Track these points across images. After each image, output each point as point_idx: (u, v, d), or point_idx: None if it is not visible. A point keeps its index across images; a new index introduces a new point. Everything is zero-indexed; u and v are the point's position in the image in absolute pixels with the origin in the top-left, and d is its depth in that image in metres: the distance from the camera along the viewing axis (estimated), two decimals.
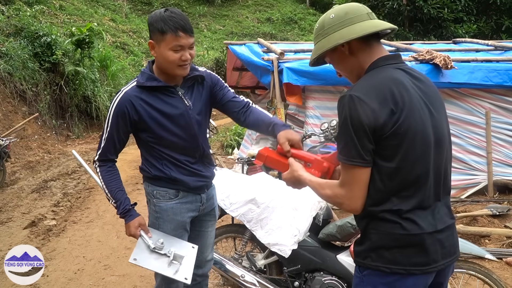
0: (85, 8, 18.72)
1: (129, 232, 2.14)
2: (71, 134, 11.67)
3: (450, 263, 1.50)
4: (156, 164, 2.16)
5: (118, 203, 2.12)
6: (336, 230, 2.73)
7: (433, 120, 1.45)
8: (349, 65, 1.56)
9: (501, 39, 10.44)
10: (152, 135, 2.10)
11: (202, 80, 2.20)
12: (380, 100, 1.36)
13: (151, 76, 2.09)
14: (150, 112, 2.06)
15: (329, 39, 1.52)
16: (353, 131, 1.36)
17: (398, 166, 1.38)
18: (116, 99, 2.08)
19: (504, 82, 5.29)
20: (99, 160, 2.16)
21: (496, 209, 4.66)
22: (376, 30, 1.48)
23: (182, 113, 2.11)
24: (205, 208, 2.35)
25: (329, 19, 1.54)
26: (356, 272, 1.53)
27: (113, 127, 2.09)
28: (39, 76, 10.96)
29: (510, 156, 5.54)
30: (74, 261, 4.15)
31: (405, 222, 1.40)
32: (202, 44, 19.81)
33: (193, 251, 2.22)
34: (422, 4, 10.35)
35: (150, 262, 2.07)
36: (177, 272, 2.07)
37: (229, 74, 8.47)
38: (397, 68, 1.49)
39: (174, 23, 1.93)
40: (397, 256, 1.41)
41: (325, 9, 25.18)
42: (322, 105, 5.82)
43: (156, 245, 2.09)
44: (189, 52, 2.01)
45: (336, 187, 1.47)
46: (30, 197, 6.38)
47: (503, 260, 3.75)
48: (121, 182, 2.18)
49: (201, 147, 2.21)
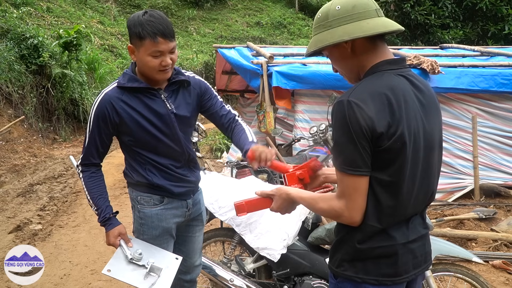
0: (73, 10, 18.56)
1: (108, 241, 2.08)
2: (58, 137, 11.52)
3: (421, 272, 1.48)
4: (139, 169, 2.10)
5: (99, 210, 2.06)
6: (325, 234, 2.73)
7: (425, 134, 1.39)
8: (349, 64, 1.47)
9: (487, 44, 10.62)
10: (133, 138, 2.04)
11: (188, 84, 2.13)
12: (377, 109, 1.29)
13: (132, 77, 2.02)
14: (131, 114, 1.99)
15: (332, 33, 1.40)
16: (356, 138, 1.28)
17: (390, 179, 1.33)
18: (96, 100, 2.01)
19: (490, 87, 5.38)
20: (82, 164, 2.09)
21: (483, 212, 4.72)
22: (386, 31, 1.38)
23: (164, 116, 2.03)
24: (191, 213, 2.29)
25: (334, 10, 1.41)
26: (331, 278, 1.51)
27: (94, 130, 2.02)
28: (26, 79, 10.81)
29: (496, 160, 5.62)
30: (60, 266, 4.09)
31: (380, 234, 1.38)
32: (191, 48, 19.76)
33: (176, 262, 2.13)
34: (410, 10, 10.49)
35: (124, 273, 1.98)
36: (153, 285, 1.97)
37: (218, 77, 8.47)
38: (399, 74, 1.40)
39: (152, 28, 1.85)
40: (369, 266, 1.39)
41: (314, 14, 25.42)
42: (311, 108, 5.86)
43: (133, 255, 2.00)
44: (170, 56, 1.94)
45: (332, 200, 1.39)
46: (16, 201, 6.27)
47: (489, 263, 3.80)
48: (104, 188, 2.10)
49: (185, 151, 2.14)
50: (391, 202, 1.35)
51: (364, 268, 1.40)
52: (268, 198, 1.64)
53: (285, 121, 6.70)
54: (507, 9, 10.78)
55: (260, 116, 5.99)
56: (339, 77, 5.65)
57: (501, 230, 4.39)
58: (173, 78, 2.06)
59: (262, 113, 5.90)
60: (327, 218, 1.51)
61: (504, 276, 3.61)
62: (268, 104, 5.70)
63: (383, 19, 1.41)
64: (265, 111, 5.77)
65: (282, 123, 6.64)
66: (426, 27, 10.75)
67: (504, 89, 5.37)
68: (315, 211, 1.51)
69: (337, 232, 1.48)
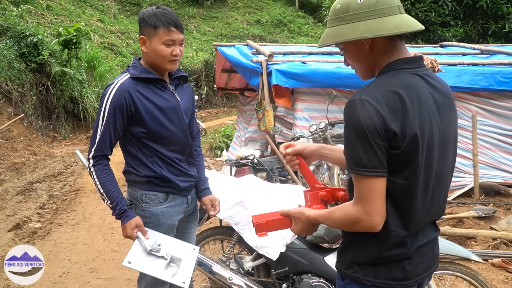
0: (73, 8, 18.54)
1: (125, 233, 2.06)
2: (57, 136, 11.53)
3: (429, 274, 1.46)
4: (147, 162, 2.11)
5: (114, 203, 2.04)
6: (324, 232, 2.73)
7: (440, 134, 1.34)
8: (365, 61, 1.40)
9: (487, 43, 10.59)
10: (146, 129, 2.07)
11: (185, 81, 2.29)
12: (390, 109, 1.24)
13: (144, 68, 2.09)
14: (145, 104, 2.05)
15: (353, 28, 1.32)
16: (371, 137, 1.22)
17: (404, 183, 1.29)
18: (111, 90, 2.01)
19: (490, 86, 5.37)
20: (94, 156, 2.04)
21: (482, 211, 4.71)
22: (410, 31, 1.32)
23: (175, 107, 2.13)
24: (190, 209, 2.36)
25: (356, 3, 1.33)
26: (338, 279, 1.49)
27: (109, 120, 2.00)
28: (25, 77, 10.81)
29: (496, 158, 5.61)
30: (60, 264, 4.09)
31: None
32: (191, 46, 19.74)
33: (194, 253, 2.15)
34: (410, 8, 10.45)
35: (145, 265, 1.98)
36: (174, 275, 1.97)
37: (218, 75, 8.46)
38: (414, 74, 1.34)
39: (166, 18, 1.99)
40: (380, 270, 1.36)
41: (314, 12, 25.42)
42: (310, 107, 5.85)
43: (153, 247, 2.01)
44: (179, 48, 2.07)
45: (347, 206, 1.33)
46: (15, 199, 6.28)
47: (489, 261, 3.79)
48: (116, 181, 2.09)
49: (190, 143, 2.25)
50: (408, 206, 1.31)
51: (374, 271, 1.37)
52: (289, 218, 1.56)
53: (285, 119, 6.70)
54: (508, 7, 10.74)
55: (260, 114, 5.99)
56: (339, 75, 5.67)
57: (500, 228, 4.39)
58: (175, 73, 2.20)
59: (261, 111, 5.90)
60: (347, 230, 1.42)
61: (503, 275, 3.61)
62: (268, 102, 5.70)
63: (405, 16, 1.35)
64: (264, 109, 5.76)
65: (281, 121, 6.64)
66: (427, 25, 10.71)
67: (504, 88, 5.36)
68: (334, 226, 1.45)
69: (347, 233, 1.44)
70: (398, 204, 1.31)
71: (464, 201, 5.36)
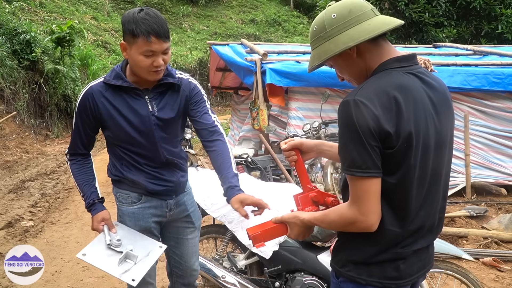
0: (66, 5, 18.43)
1: (92, 226, 2.09)
2: (50, 134, 11.45)
3: (424, 274, 1.47)
4: (117, 164, 2.11)
5: (85, 196, 2.09)
6: (317, 231, 2.74)
7: (436, 134, 1.34)
8: (356, 69, 1.40)
9: (480, 43, 10.68)
10: (111, 133, 2.04)
11: (178, 88, 2.07)
12: (384, 109, 1.24)
13: (118, 74, 1.98)
14: (109, 110, 1.97)
15: (335, 42, 1.34)
16: (364, 138, 1.23)
17: (397, 183, 1.29)
18: (81, 93, 2.04)
19: (482, 86, 5.41)
20: (69, 153, 2.14)
21: (474, 210, 4.76)
22: (389, 28, 1.32)
23: (144, 117, 1.99)
24: (173, 214, 2.23)
25: (330, 19, 1.35)
26: (332, 277, 1.49)
27: (78, 122, 2.05)
28: (18, 74, 10.72)
29: (487, 158, 5.66)
30: (52, 262, 4.07)
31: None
32: (186, 44, 19.71)
33: (159, 251, 2.09)
34: (404, 8, 10.51)
35: (98, 259, 1.95)
36: (126, 272, 1.92)
37: (212, 74, 8.46)
38: (408, 72, 1.34)
39: (146, 26, 1.77)
40: (374, 269, 1.37)
41: (308, 11, 25.44)
42: (304, 106, 5.86)
43: (112, 242, 1.97)
44: (163, 57, 1.87)
45: (343, 208, 1.33)
46: (7, 198, 6.23)
47: (480, 260, 3.83)
48: (90, 175, 2.12)
49: (161, 155, 2.06)
50: (403, 204, 1.31)
51: (368, 270, 1.37)
52: (284, 225, 1.54)
53: (279, 119, 6.71)
54: (501, 9, 10.84)
55: (254, 113, 5.99)
56: (333, 75, 5.62)
57: (491, 228, 4.43)
58: (162, 79, 1.99)
59: (255, 110, 5.90)
60: (342, 231, 1.41)
61: (494, 273, 3.64)
62: (262, 101, 5.70)
63: (381, 17, 1.36)
64: (258, 108, 5.77)
65: (275, 121, 6.65)
66: (420, 25, 10.78)
67: (496, 88, 5.40)
68: (329, 228, 1.45)
69: (343, 232, 1.43)
70: (393, 203, 1.32)
71: (456, 200, 5.40)
